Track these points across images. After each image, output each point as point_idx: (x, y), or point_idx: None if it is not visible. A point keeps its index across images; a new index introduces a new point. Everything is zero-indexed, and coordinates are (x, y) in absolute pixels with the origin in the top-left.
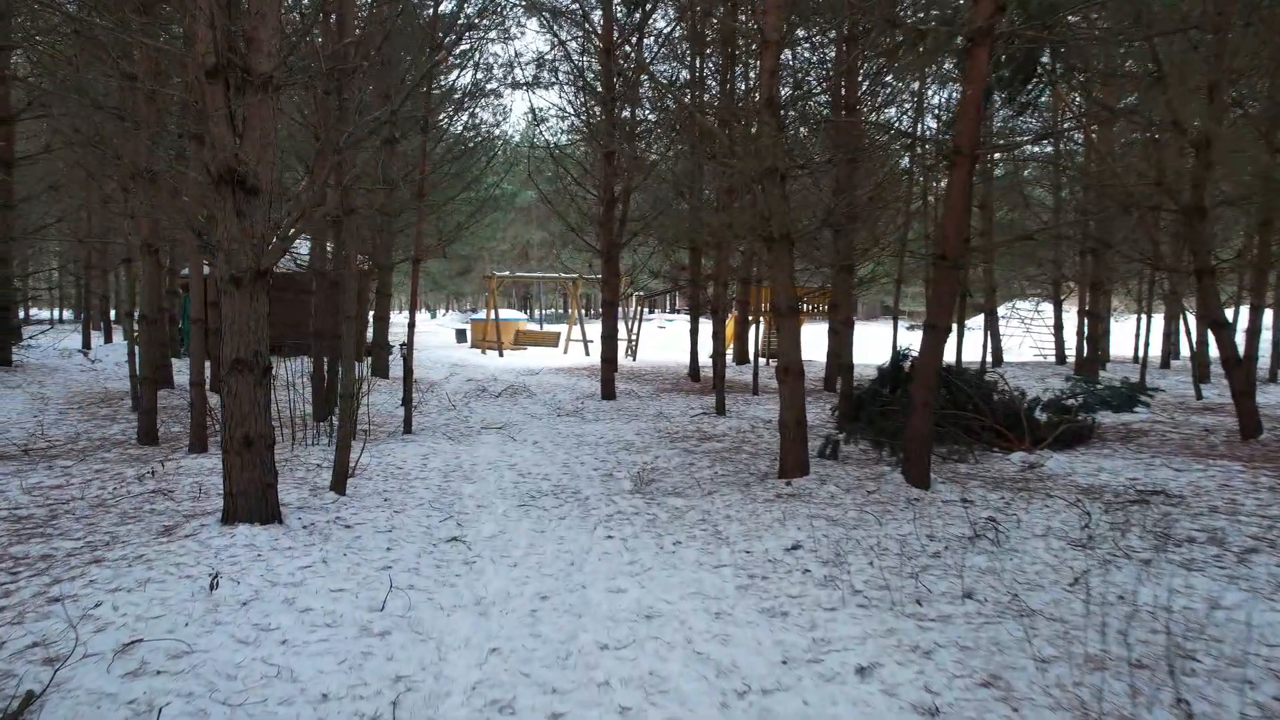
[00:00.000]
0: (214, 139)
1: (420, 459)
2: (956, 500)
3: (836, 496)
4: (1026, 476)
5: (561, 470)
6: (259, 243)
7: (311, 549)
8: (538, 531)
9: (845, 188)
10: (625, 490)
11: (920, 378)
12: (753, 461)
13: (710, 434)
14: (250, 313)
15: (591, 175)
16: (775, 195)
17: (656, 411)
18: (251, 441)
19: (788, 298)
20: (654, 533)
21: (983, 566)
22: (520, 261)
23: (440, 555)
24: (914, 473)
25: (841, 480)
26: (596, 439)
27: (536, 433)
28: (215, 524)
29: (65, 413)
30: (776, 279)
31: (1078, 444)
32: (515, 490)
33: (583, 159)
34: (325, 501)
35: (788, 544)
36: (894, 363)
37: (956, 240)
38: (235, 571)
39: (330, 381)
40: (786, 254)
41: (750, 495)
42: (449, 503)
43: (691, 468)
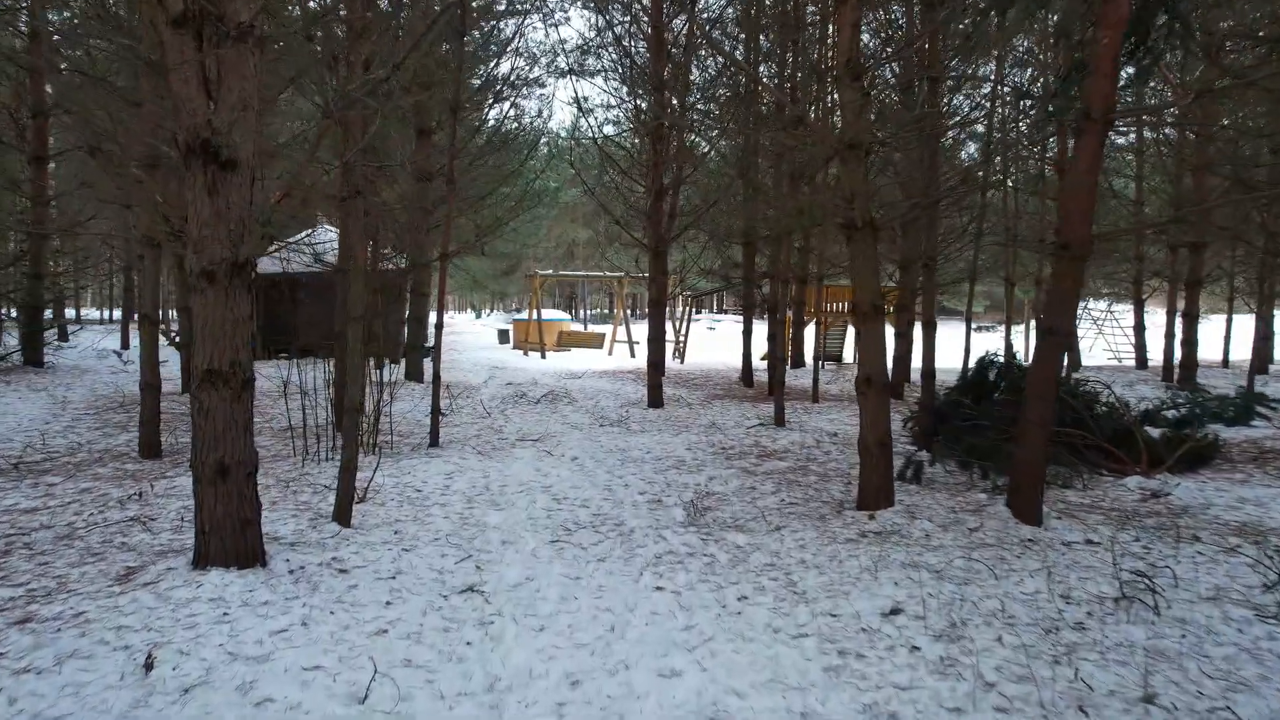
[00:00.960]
0: (181, 102)
1: (443, 479)
2: (1080, 541)
3: (933, 536)
4: (1154, 509)
5: (603, 494)
6: (237, 229)
7: (293, 604)
8: (572, 579)
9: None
10: (677, 521)
11: (1035, 393)
12: (823, 486)
13: (771, 450)
14: (227, 314)
15: (639, 164)
16: (858, 174)
17: (708, 422)
18: (227, 469)
19: (871, 296)
20: (713, 582)
21: (1147, 645)
22: (566, 261)
23: (451, 612)
24: (1023, 506)
25: (934, 513)
26: (642, 454)
27: (576, 446)
28: (185, 567)
29: (79, 419)
30: (859, 274)
31: (1199, 466)
32: (548, 521)
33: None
34: (324, 535)
35: (884, 605)
36: (979, 370)
37: (1082, 226)
38: (188, 639)
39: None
40: (870, 244)
41: (827, 532)
42: (469, 537)
43: (753, 493)
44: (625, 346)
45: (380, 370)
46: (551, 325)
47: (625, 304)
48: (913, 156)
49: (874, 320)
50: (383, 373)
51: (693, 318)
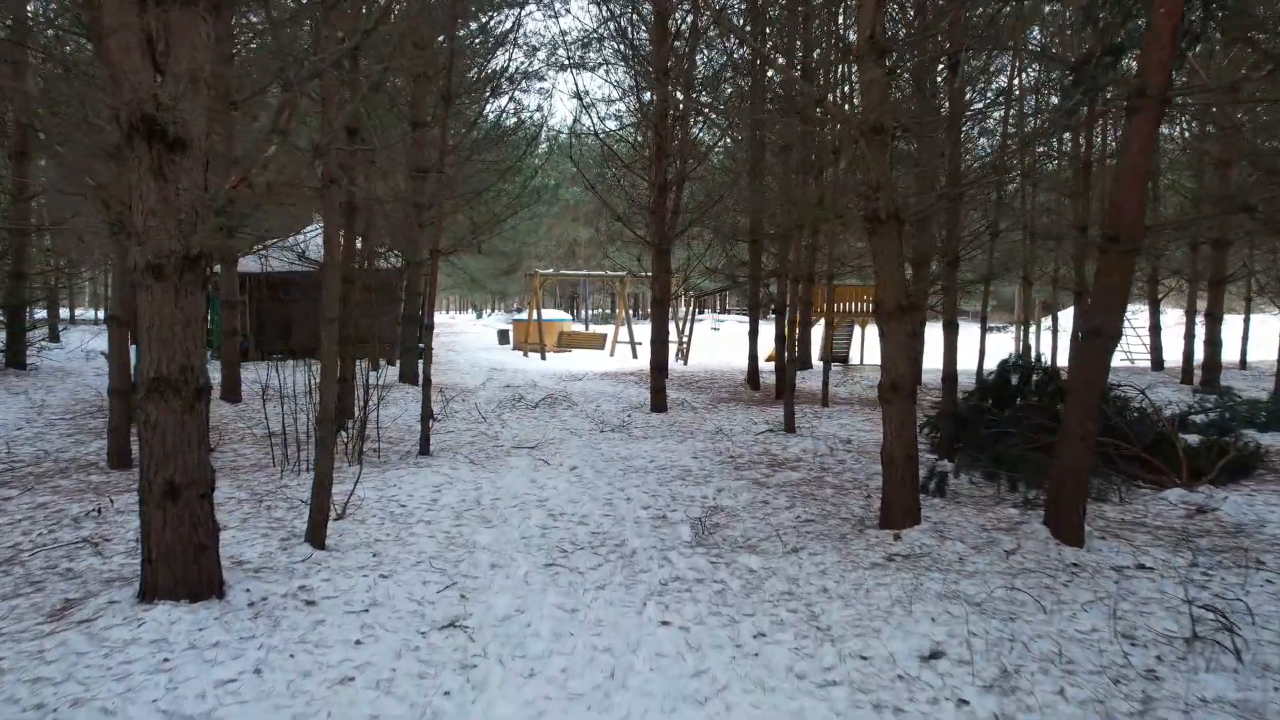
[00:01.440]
0: (121, 73)
1: (431, 492)
2: (1130, 566)
3: (967, 560)
4: (1205, 527)
5: (603, 509)
6: (188, 218)
7: (248, 645)
8: (567, 611)
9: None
10: (683, 541)
11: (1077, 400)
12: (841, 500)
13: (782, 458)
14: (176, 314)
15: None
16: (882, 161)
17: (714, 427)
18: (178, 489)
19: (896, 294)
20: (725, 615)
21: (1236, 700)
22: (567, 260)
23: (429, 653)
24: (1064, 525)
25: (965, 532)
26: (646, 463)
27: (575, 454)
28: (129, 600)
29: (53, 424)
30: (883, 270)
31: (1241, 477)
32: (543, 540)
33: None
34: (294, 559)
35: (922, 647)
36: (1000, 373)
37: (1134, 216)
38: (115, 696)
39: (344, 391)
40: (895, 238)
41: (849, 554)
42: (456, 559)
43: (765, 507)
44: (627, 347)
45: (375, 372)
46: (552, 326)
47: (627, 304)
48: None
49: (899, 321)
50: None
51: (696, 318)
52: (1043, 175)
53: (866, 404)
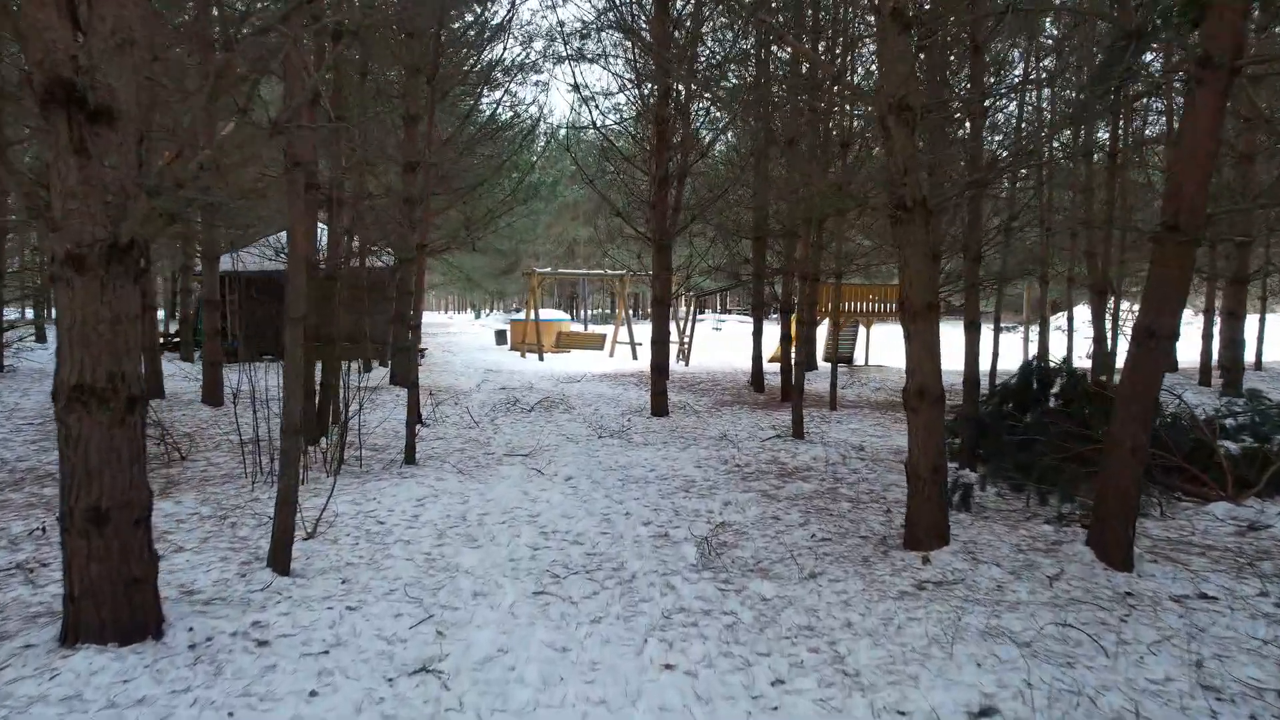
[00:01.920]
0: (35, 30)
1: (414, 506)
2: (1192, 595)
3: (1007, 588)
4: (1263, 548)
5: (600, 526)
6: (117, 200)
7: (179, 701)
8: (558, 650)
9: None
10: (688, 564)
11: (1129, 409)
12: (859, 516)
13: (792, 467)
14: (102, 312)
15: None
16: (909, 142)
17: (719, 433)
18: (105, 515)
19: (923, 290)
20: (738, 656)
21: None
22: (566, 260)
23: (396, 705)
24: (1111, 546)
25: (999, 554)
26: (646, 473)
27: (571, 463)
28: (49, 644)
29: (19, 430)
30: (909, 264)
31: None
32: (532, 563)
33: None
34: (252, 587)
35: (970, 700)
36: (1023, 376)
37: (1197, 201)
38: None
39: (324, 395)
40: (922, 228)
41: (874, 581)
42: (435, 586)
43: (777, 523)
44: (627, 348)
45: (367, 373)
46: (550, 326)
47: (627, 303)
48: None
49: (927, 320)
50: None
51: (697, 317)
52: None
53: (876, 407)
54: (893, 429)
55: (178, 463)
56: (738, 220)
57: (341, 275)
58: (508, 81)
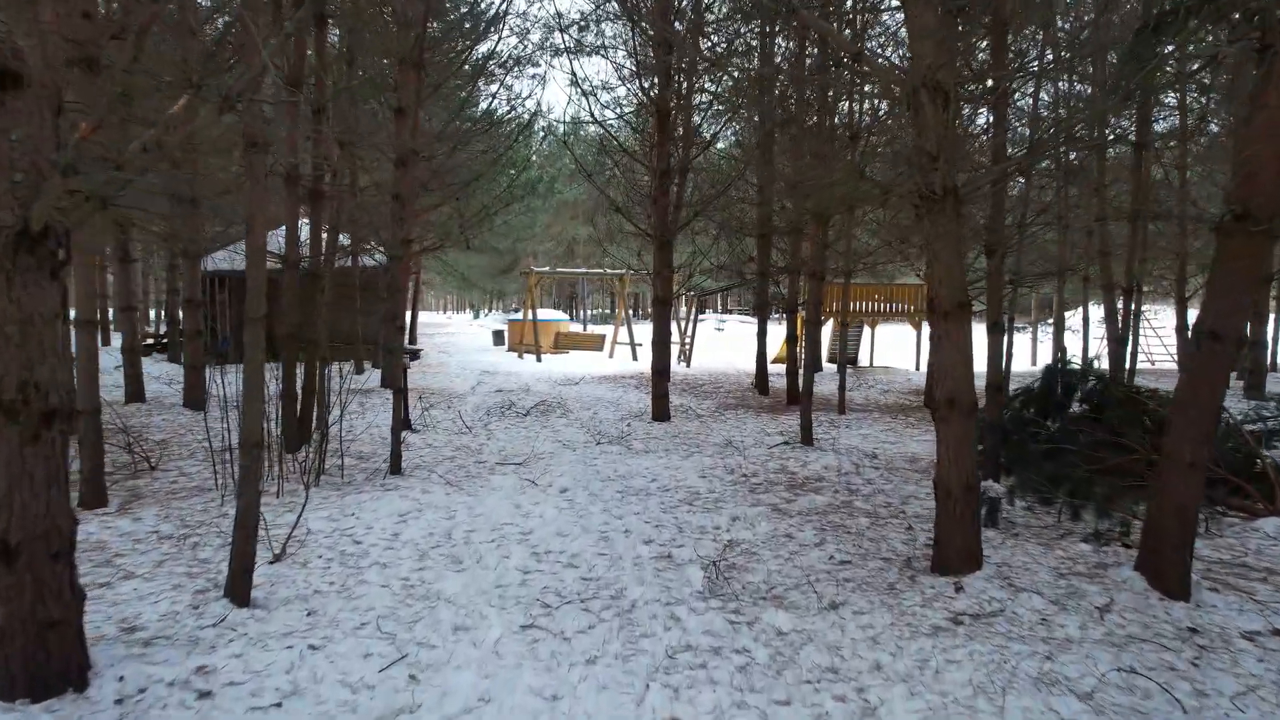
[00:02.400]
0: None
1: (395, 522)
2: (1264, 631)
3: (1053, 622)
4: None
5: (597, 545)
6: (29, 179)
7: None
8: (546, 699)
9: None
10: (694, 590)
11: (1187, 422)
12: (880, 533)
13: (802, 477)
14: (10, 311)
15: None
16: (941, 122)
17: (723, 439)
18: (14, 550)
19: (955, 287)
20: (753, 707)
21: None
22: (566, 259)
23: None
24: (1166, 572)
25: (1038, 579)
26: (647, 483)
27: (567, 473)
28: None
29: None
30: (939, 258)
31: None
32: (522, 590)
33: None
34: (204, 622)
35: None
36: (1047, 379)
37: (1273, 186)
38: None
39: (307, 400)
40: (953, 219)
41: (903, 613)
42: (411, 618)
43: (790, 542)
44: (627, 349)
45: (358, 375)
46: (548, 326)
47: (627, 303)
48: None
49: (959, 320)
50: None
51: (699, 318)
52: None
53: (886, 411)
54: (905, 434)
55: (146, 473)
56: (741, 218)
57: (324, 273)
58: (503, 75)
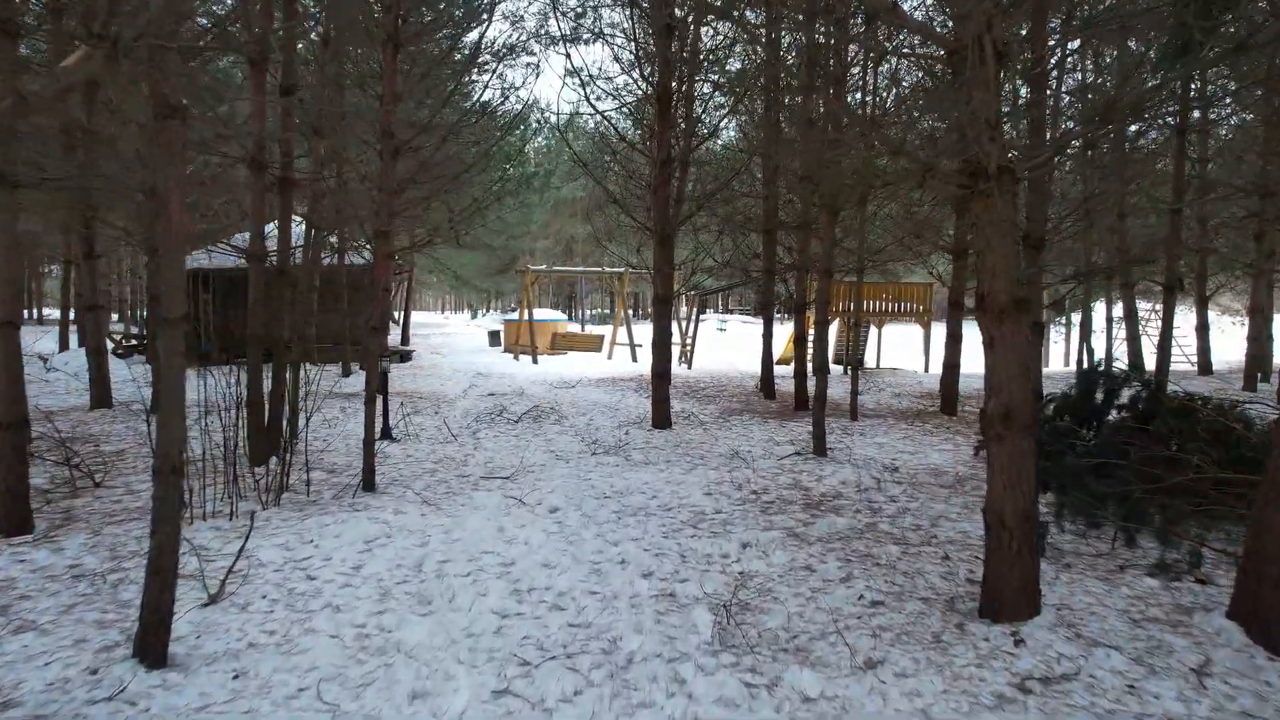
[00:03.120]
0: None
1: (359, 551)
2: None
3: (1142, 689)
4: None
5: (588, 580)
6: None
7: None
8: None
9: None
10: (701, 640)
11: None
12: (914, 565)
13: (819, 494)
14: None
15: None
16: (995, 86)
17: (729, 449)
18: None
19: (1010, 280)
20: None
21: None
22: (565, 259)
23: None
24: (1271, 625)
25: (1109, 626)
26: (646, 500)
27: (558, 488)
28: None
29: None
30: (990, 248)
31: None
32: (498, 640)
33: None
34: (98, 693)
35: None
36: (1084, 383)
37: None
38: None
39: (275, 407)
40: (1008, 201)
41: (957, 675)
42: (362, 682)
43: (811, 577)
44: (626, 350)
45: (346, 377)
46: (545, 326)
47: (626, 303)
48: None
49: (1015, 321)
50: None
51: (700, 318)
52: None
53: (900, 417)
54: (923, 443)
55: (89, 490)
56: (745, 212)
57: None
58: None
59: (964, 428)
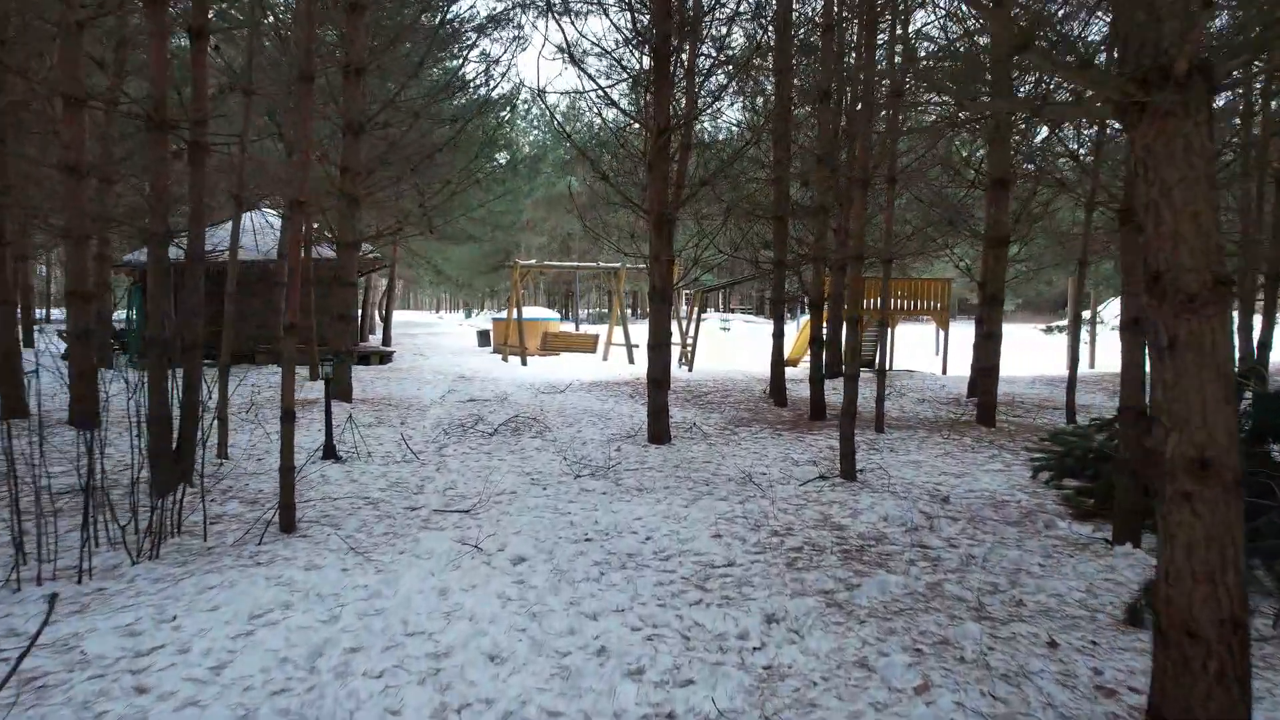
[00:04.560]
0: None
1: (233, 637)
2: None
3: None
4: None
5: (549, 684)
6: None
7: None
8: None
9: None
10: None
11: None
12: (1013, 660)
13: (858, 536)
14: None
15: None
16: None
17: (739, 470)
18: None
19: (1205, 251)
20: None
21: None
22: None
23: None
24: None
25: None
26: (638, 546)
27: (528, 527)
28: None
29: None
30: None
31: None
32: None
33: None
34: None
35: None
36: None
37: None
38: None
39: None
40: (1202, 122)
41: None
42: None
43: (870, 680)
44: (623, 350)
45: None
46: (535, 325)
47: (623, 301)
48: None
49: (1213, 312)
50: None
51: (701, 316)
52: None
53: (930, 427)
54: (967, 462)
55: None
56: (754, 197)
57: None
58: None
59: (1007, 441)
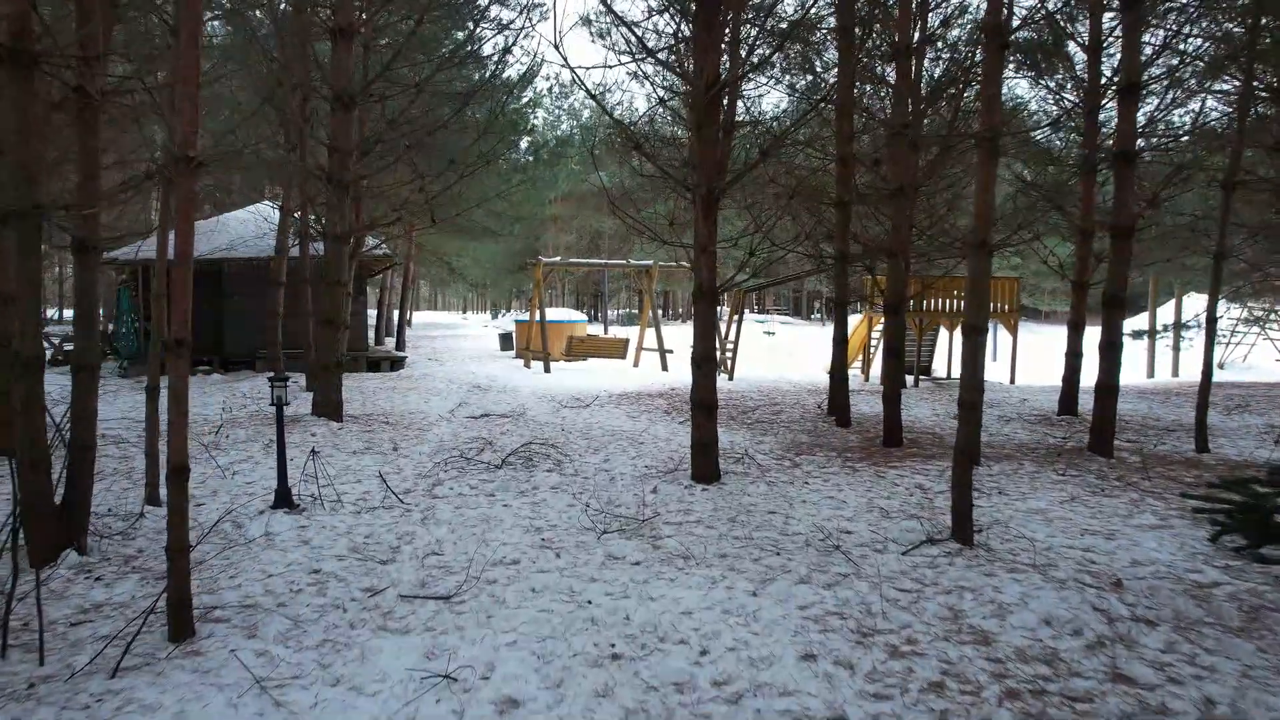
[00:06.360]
0: None
1: None
2: None
3: None
4: None
5: None
6: None
7: None
8: None
9: None
10: None
11: None
12: None
13: (1015, 656)
14: None
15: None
16: None
17: (816, 528)
18: None
19: None
20: None
21: None
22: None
23: None
24: None
25: None
26: (689, 672)
27: (530, 629)
28: None
29: None
30: None
31: None
32: None
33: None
34: None
35: None
36: None
37: None
38: None
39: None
40: None
41: None
42: None
43: None
44: (655, 356)
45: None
46: (560, 329)
47: (654, 301)
48: None
49: None
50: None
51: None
52: None
53: (1030, 456)
54: (1108, 514)
55: None
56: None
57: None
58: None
59: (1139, 478)
